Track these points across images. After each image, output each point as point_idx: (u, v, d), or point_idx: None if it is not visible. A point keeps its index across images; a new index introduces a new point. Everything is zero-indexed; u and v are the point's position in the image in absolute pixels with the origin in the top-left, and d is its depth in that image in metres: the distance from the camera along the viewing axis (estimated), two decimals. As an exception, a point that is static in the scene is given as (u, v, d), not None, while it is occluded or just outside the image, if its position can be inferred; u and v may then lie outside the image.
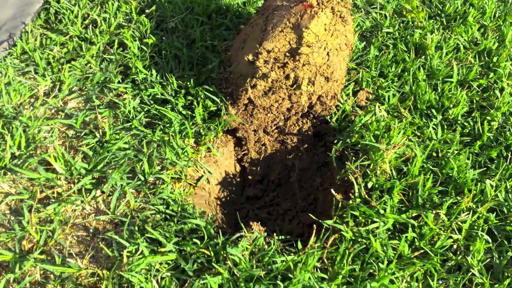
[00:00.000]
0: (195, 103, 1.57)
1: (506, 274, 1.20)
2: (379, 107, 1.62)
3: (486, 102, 1.75)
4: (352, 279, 1.13)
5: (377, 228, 1.23)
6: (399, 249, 1.17)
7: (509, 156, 1.53)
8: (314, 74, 1.51)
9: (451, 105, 1.69)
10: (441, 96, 1.73)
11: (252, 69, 1.49)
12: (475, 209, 1.33)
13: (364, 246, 1.19)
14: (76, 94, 1.60)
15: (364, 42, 1.96)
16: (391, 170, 1.40)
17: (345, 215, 1.26)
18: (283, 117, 1.63)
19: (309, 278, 1.10)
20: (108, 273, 1.11)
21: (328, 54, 1.49)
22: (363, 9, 2.21)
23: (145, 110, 1.56)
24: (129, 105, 1.54)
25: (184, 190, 1.37)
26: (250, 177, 1.68)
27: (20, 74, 1.65)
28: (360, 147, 1.49)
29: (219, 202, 1.52)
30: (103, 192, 1.29)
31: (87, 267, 1.14)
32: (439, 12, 2.25)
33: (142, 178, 1.33)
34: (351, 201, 1.30)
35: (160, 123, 1.51)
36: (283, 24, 1.43)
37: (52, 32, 1.86)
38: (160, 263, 1.13)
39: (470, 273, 1.18)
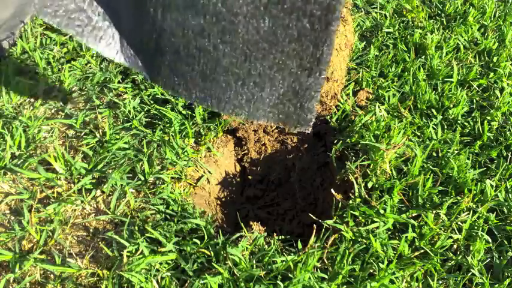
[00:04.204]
0: (195, 103, 1.57)
1: (506, 274, 1.20)
2: (379, 107, 1.62)
3: (486, 102, 1.75)
4: (352, 279, 1.13)
5: (377, 228, 1.23)
6: (399, 249, 1.17)
7: (509, 156, 1.53)
8: (314, 74, 1.51)
9: (451, 105, 1.69)
10: (441, 96, 1.73)
11: (252, 69, 1.49)
12: (475, 209, 1.33)
13: (364, 246, 1.19)
14: (76, 94, 1.60)
15: (364, 42, 1.96)
16: (391, 170, 1.40)
17: (345, 215, 1.26)
18: (283, 117, 1.63)
19: (309, 278, 1.10)
20: (108, 273, 1.11)
21: (328, 54, 1.49)
22: (363, 9, 2.21)
23: (145, 110, 1.56)
24: (129, 105, 1.54)
25: (184, 190, 1.37)
26: (250, 177, 1.68)
27: (19, 73, 1.65)
28: (360, 147, 1.49)
29: (219, 202, 1.52)
30: (103, 192, 1.29)
31: (87, 267, 1.14)
32: (439, 12, 2.25)
33: (142, 178, 1.33)
34: (351, 201, 1.30)
35: (160, 123, 1.51)
36: (283, 24, 1.43)
37: (52, 31, 1.85)
38: (160, 263, 1.13)
39: (470, 273, 1.18)
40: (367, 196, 1.32)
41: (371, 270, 1.15)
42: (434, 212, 1.29)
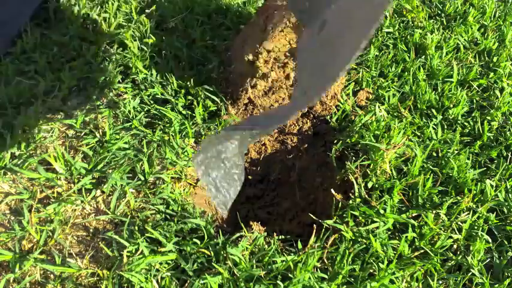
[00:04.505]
0: (195, 103, 1.57)
1: (506, 274, 1.20)
2: (379, 107, 1.62)
3: (486, 102, 1.75)
4: (352, 279, 1.13)
5: (377, 228, 1.23)
6: (399, 249, 1.17)
7: (509, 156, 1.53)
8: (314, 74, 1.51)
9: (451, 105, 1.69)
10: (441, 96, 1.73)
11: (252, 69, 1.49)
12: (475, 209, 1.33)
13: (364, 246, 1.19)
14: (76, 94, 1.60)
15: (364, 42, 1.96)
16: (391, 170, 1.40)
17: (345, 215, 1.26)
18: (283, 117, 1.63)
19: (309, 278, 1.10)
20: (108, 273, 1.11)
21: (328, 54, 1.49)
22: (363, 9, 2.21)
23: (145, 110, 1.56)
24: (129, 105, 1.54)
25: (184, 190, 1.37)
26: (250, 177, 1.68)
27: (19, 73, 1.65)
28: (360, 147, 1.49)
29: (219, 202, 1.52)
30: (103, 192, 1.29)
31: (87, 267, 1.14)
32: (439, 12, 2.25)
33: (142, 178, 1.33)
34: (351, 201, 1.30)
35: (160, 123, 1.51)
36: (283, 24, 1.43)
37: (52, 31, 1.85)
38: (160, 263, 1.13)
39: (470, 273, 1.18)
40: (367, 196, 1.32)
41: (371, 270, 1.15)
42: (434, 212, 1.29)
